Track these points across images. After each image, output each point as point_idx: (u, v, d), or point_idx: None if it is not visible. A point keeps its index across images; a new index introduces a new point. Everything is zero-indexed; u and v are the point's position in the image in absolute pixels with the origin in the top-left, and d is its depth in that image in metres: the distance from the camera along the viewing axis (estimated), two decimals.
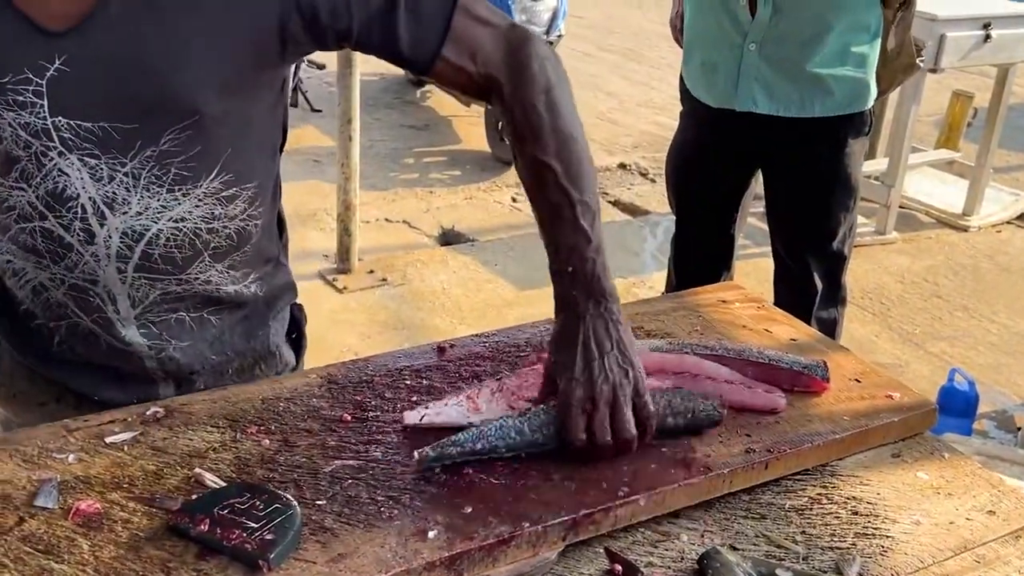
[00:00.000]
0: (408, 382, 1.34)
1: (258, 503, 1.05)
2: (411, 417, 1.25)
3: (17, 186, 1.20)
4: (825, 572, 1.11)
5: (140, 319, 1.30)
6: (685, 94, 2.95)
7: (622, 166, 5.86)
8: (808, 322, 2.80)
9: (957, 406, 2.94)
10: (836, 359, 1.47)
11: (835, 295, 2.94)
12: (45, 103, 1.14)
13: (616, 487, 1.16)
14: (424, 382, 1.34)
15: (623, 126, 6.50)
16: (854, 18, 2.65)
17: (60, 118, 1.15)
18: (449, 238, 4.72)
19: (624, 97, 7.12)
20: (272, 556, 0.98)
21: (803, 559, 1.14)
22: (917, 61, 3.37)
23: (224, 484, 1.13)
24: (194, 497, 1.08)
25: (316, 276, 4.12)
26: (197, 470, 1.14)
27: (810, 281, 2.90)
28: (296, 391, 1.31)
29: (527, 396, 1.26)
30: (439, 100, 6.56)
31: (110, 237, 1.23)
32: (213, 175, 1.24)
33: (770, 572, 1.11)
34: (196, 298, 1.32)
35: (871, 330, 3.95)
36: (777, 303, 2.81)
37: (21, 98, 1.14)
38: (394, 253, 4.42)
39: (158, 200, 1.22)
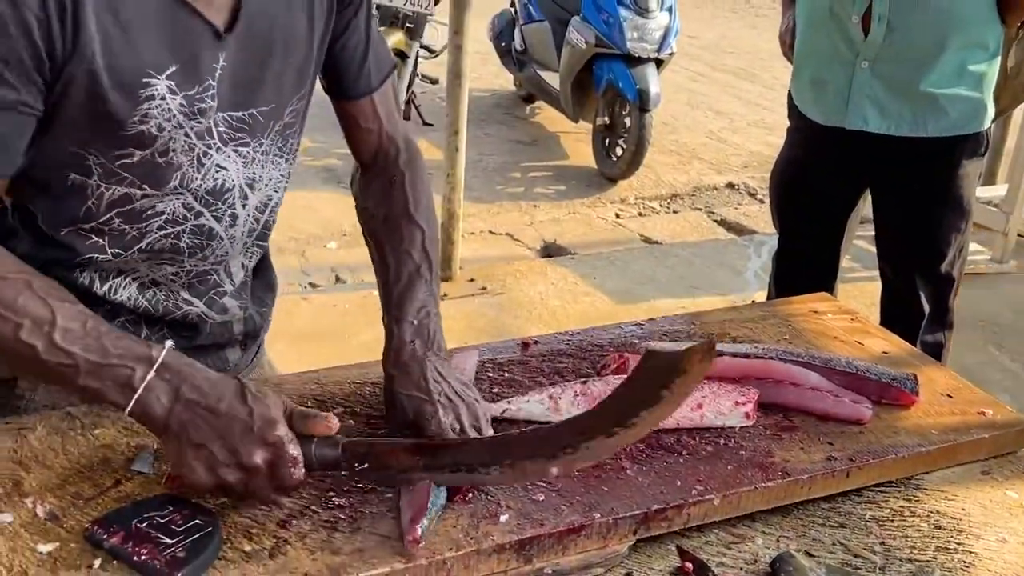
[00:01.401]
0: (490, 374, 1.37)
1: (178, 518, 1.02)
2: (493, 409, 1.27)
3: (174, 193, 1.19)
4: None
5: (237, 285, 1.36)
6: (793, 110, 2.91)
7: (730, 185, 5.80)
8: (914, 345, 2.72)
9: None
10: (928, 373, 1.44)
11: (942, 319, 2.84)
12: (216, 103, 1.16)
13: (691, 485, 1.16)
14: (505, 375, 1.37)
15: (733, 145, 6.43)
16: (971, 36, 2.57)
17: (219, 114, 1.19)
18: (551, 251, 4.75)
19: (735, 117, 7.04)
20: (179, 575, 0.96)
21: (880, 569, 1.12)
22: None
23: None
24: (117, 508, 1.05)
25: None
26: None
27: (917, 303, 2.82)
28: (383, 377, 1.35)
29: None
30: (548, 116, 6.61)
31: (248, 215, 1.28)
32: (300, 140, 1.33)
33: None
34: (257, 256, 1.38)
35: (981, 358, 3.80)
36: (883, 325, 2.74)
37: (204, 105, 1.15)
38: (495, 263, 4.47)
39: (279, 170, 1.30)
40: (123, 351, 1.04)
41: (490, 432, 1.18)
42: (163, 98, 1.12)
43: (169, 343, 1.08)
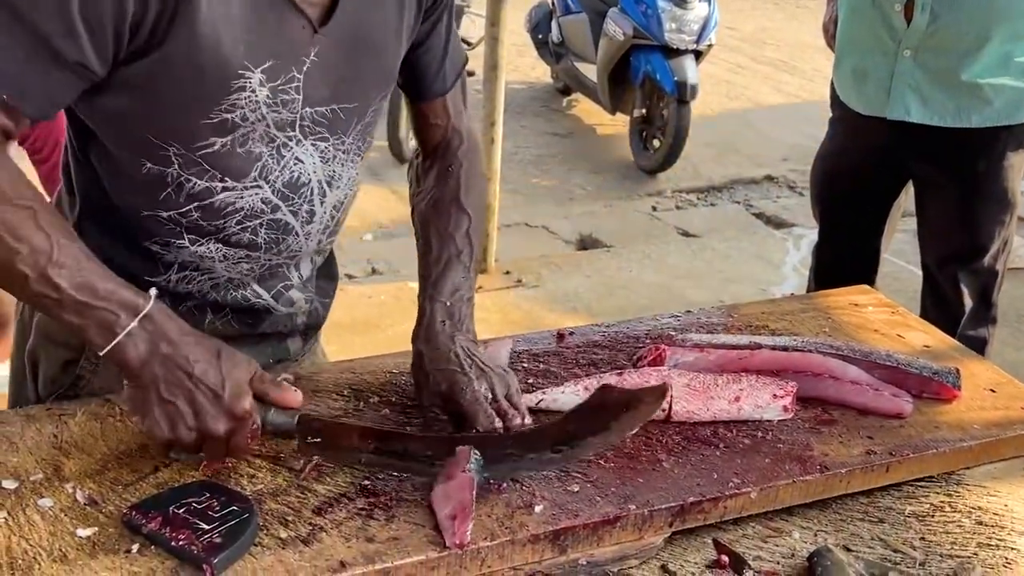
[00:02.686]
0: (525, 365, 1.37)
1: (215, 504, 1.03)
2: (529, 399, 1.27)
3: (253, 185, 1.20)
4: None
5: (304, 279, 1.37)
6: (835, 101, 2.88)
7: (769, 178, 5.75)
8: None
9: None
10: (971, 367, 1.41)
11: (985, 314, 2.80)
12: (301, 96, 1.17)
13: (727, 478, 1.15)
14: (541, 366, 1.36)
15: (772, 138, 6.37)
16: (1017, 26, 2.52)
17: (306, 108, 1.19)
18: (586, 244, 4.74)
19: (774, 109, 6.98)
20: (216, 560, 0.96)
21: (920, 565, 1.10)
22: None
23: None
24: (155, 493, 1.07)
25: None
26: None
27: (959, 298, 2.78)
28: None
29: None
30: (584, 109, 6.59)
31: (325, 212, 1.29)
32: (374, 138, 1.33)
33: (883, 575, 1.07)
34: (327, 252, 1.40)
35: None
36: (923, 319, 2.70)
37: (287, 96, 1.15)
38: (530, 256, 4.46)
39: (354, 169, 1.31)
40: (110, 294, 1.06)
41: (523, 403, 1.21)
42: (253, 90, 1.12)
43: (154, 291, 1.10)
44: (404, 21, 1.26)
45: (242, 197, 1.20)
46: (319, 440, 1.13)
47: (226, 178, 1.18)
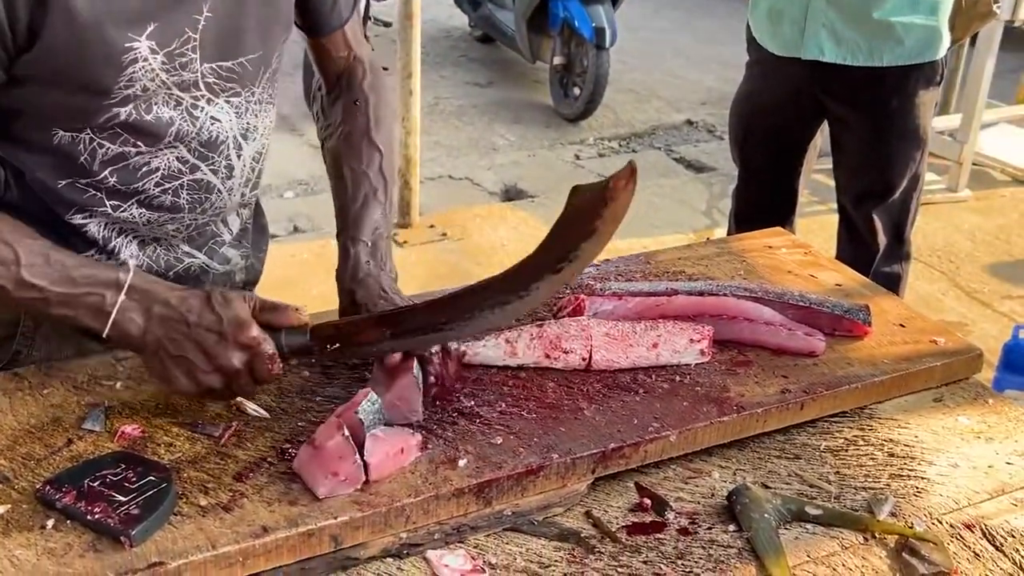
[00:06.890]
0: None
1: (131, 475, 1.01)
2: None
3: (169, 146, 1.19)
4: (856, 511, 1.11)
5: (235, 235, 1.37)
6: (751, 43, 2.90)
7: (689, 123, 5.79)
8: (870, 277, 2.74)
9: (1021, 363, 2.86)
10: (881, 304, 1.45)
11: (899, 250, 2.87)
12: (198, 55, 1.16)
13: (647, 423, 1.17)
14: None
15: (690, 82, 6.41)
16: None
17: (206, 64, 1.17)
18: (511, 195, 4.73)
19: (691, 53, 7.00)
20: (134, 532, 0.95)
21: (835, 498, 1.13)
22: (994, 8, 3.27)
23: (264, 414, 1.16)
24: (69, 467, 1.05)
25: None
26: (239, 399, 1.17)
27: (874, 235, 2.85)
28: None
29: (565, 347, 1.26)
30: (505, 58, 6.54)
31: (244, 165, 1.29)
32: (279, 83, 1.33)
33: (799, 509, 1.10)
34: (252, 205, 1.40)
35: (938, 288, 3.86)
36: (839, 257, 2.77)
37: (184, 59, 1.15)
38: (455, 209, 4.44)
39: (269, 117, 1.31)
40: (90, 278, 1.08)
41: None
42: (145, 60, 1.11)
43: (133, 262, 1.12)
44: None
45: (156, 158, 1.19)
46: (337, 345, 1.13)
47: (139, 143, 1.17)
